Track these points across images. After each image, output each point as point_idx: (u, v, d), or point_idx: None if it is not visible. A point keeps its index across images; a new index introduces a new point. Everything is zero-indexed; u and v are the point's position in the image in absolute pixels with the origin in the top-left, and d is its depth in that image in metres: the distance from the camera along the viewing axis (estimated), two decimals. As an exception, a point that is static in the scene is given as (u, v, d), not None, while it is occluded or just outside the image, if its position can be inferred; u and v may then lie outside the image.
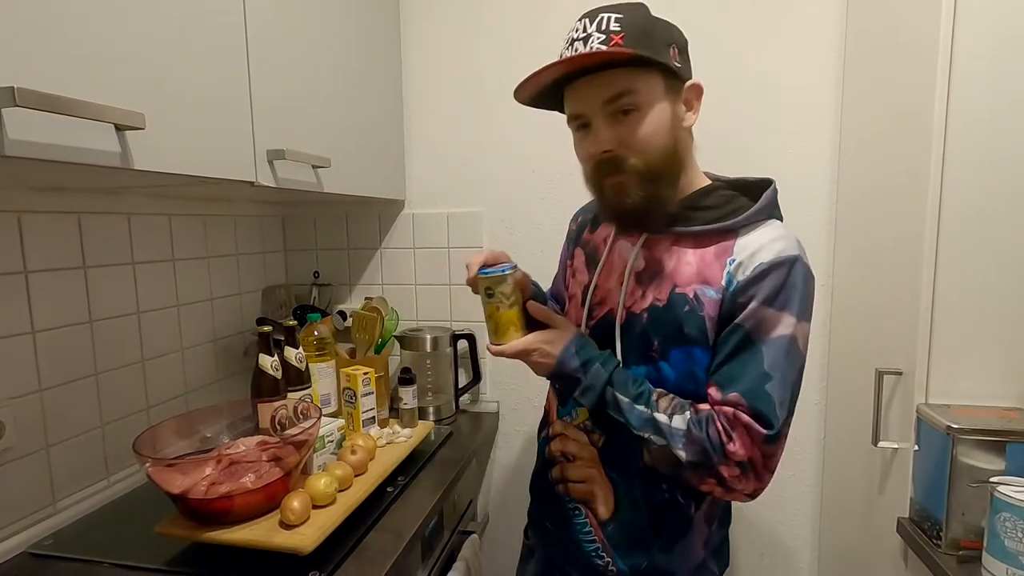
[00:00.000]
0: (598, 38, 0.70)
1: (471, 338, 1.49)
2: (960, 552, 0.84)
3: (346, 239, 1.60)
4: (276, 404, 1.04)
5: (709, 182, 0.82)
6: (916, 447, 0.93)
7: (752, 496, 0.74)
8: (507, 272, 0.78)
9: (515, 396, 1.54)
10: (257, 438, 0.96)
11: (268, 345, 1.08)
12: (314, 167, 1.08)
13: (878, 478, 1.07)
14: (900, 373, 0.98)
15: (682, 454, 0.72)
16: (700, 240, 0.76)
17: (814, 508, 1.41)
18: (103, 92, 0.65)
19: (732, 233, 0.75)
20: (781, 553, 1.44)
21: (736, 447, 0.71)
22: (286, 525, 0.84)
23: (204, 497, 0.82)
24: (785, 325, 0.71)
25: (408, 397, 1.25)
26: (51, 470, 0.97)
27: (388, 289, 1.58)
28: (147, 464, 0.82)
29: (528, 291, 0.89)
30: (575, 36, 0.72)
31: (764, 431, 0.70)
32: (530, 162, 1.45)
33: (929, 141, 0.89)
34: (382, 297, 1.53)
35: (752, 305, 0.70)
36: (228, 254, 1.39)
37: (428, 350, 1.42)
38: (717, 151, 1.36)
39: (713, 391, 0.73)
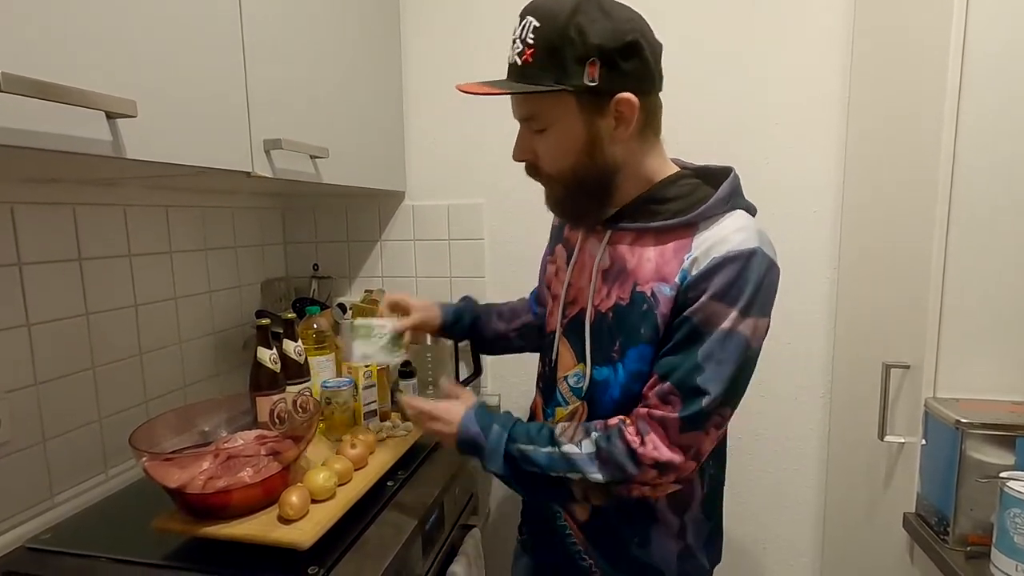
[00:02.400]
0: (516, 48, 0.69)
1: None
2: (968, 548, 0.83)
3: (346, 231, 1.58)
4: (275, 397, 1.03)
5: (675, 170, 0.78)
6: (923, 441, 0.91)
7: (680, 483, 0.74)
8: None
9: (516, 389, 1.53)
10: (255, 432, 0.95)
11: (267, 338, 1.07)
12: (312, 157, 1.06)
13: (884, 473, 1.06)
14: (908, 366, 0.97)
15: (599, 476, 0.71)
16: (661, 236, 0.74)
17: (819, 502, 1.40)
18: (93, 78, 0.63)
19: (692, 227, 0.72)
20: (785, 547, 1.44)
21: (647, 449, 0.69)
22: (284, 520, 0.84)
23: (201, 492, 0.81)
24: (729, 319, 0.68)
25: (409, 390, 1.24)
26: (48, 464, 0.96)
27: (388, 281, 1.57)
28: (143, 459, 0.81)
29: (433, 325, 0.99)
30: (512, 36, 0.71)
31: (675, 415, 0.68)
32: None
33: (939, 135, 0.87)
34: (382, 290, 1.52)
35: (702, 299, 0.68)
36: (227, 246, 1.38)
37: (428, 343, 1.41)
38: (722, 147, 1.36)
39: (652, 382, 0.71)
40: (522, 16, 0.69)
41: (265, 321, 1.07)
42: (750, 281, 0.68)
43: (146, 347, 1.14)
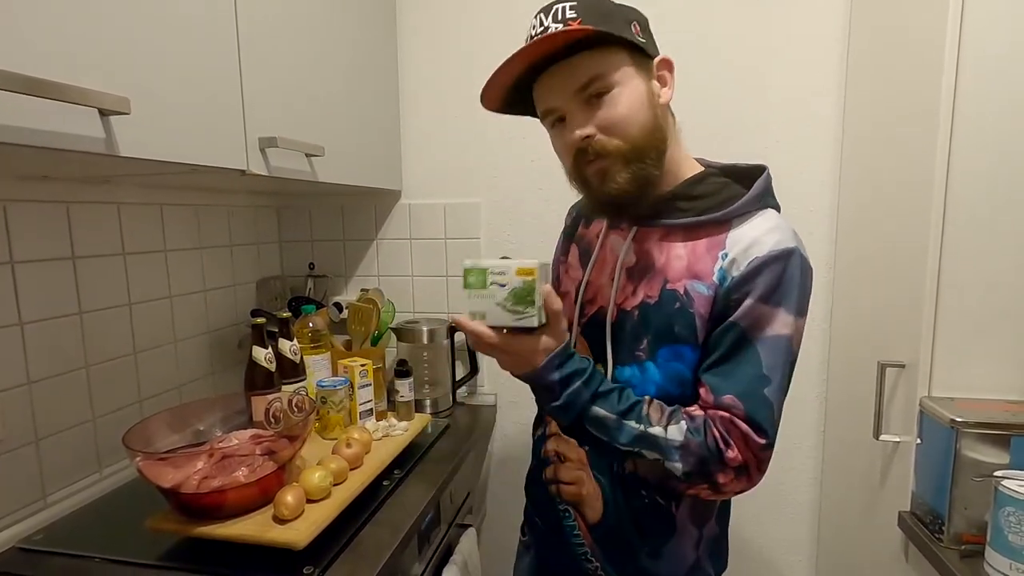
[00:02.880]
0: (554, 27, 0.67)
1: (469, 330, 1.47)
2: (962, 547, 0.83)
3: (342, 230, 1.58)
4: (270, 397, 1.02)
5: (700, 168, 0.77)
6: (919, 440, 0.92)
7: (741, 492, 0.73)
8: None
9: (513, 389, 1.52)
10: (250, 431, 0.95)
11: (262, 337, 1.06)
12: (308, 156, 1.06)
13: (879, 472, 1.06)
14: (903, 366, 0.97)
15: (678, 466, 0.68)
16: (691, 232, 0.73)
17: (814, 501, 1.41)
18: (87, 75, 0.63)
19: (725, 225, 0.71)
20: (781, 546, 1.44)
21: (734, 453, 0.68)
22: (280, 520, 0.83)
23: (196, 491, 0.81)
24: (782, 323, 0.68)
25: (404, 390, 1.24)
26: (41, 464, 0.95)
27: (384, 281, 1.56)
28: (137, 459, 0.80)
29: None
30: (533, 33, 0.69)
31: (760, 440, 0.67)
32: (529, 152, 1.43)
33: (935, 135, 0.88)
34: (378, 289, 1.51)
35: (748, 302, 0.67)
36: (222, 245, 1.37)
37: (425, 342, 1.40)
38: (718, 143, 1.36)
39: (705, 392, 0.70)
40: (547, 10, 0.68)
41: (260, 320, 1.07)
42: (794, 281, 0.68)
43: (140, 346, 1.13)
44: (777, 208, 0.75)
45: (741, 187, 0.74)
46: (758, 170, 0.75)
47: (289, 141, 0.97)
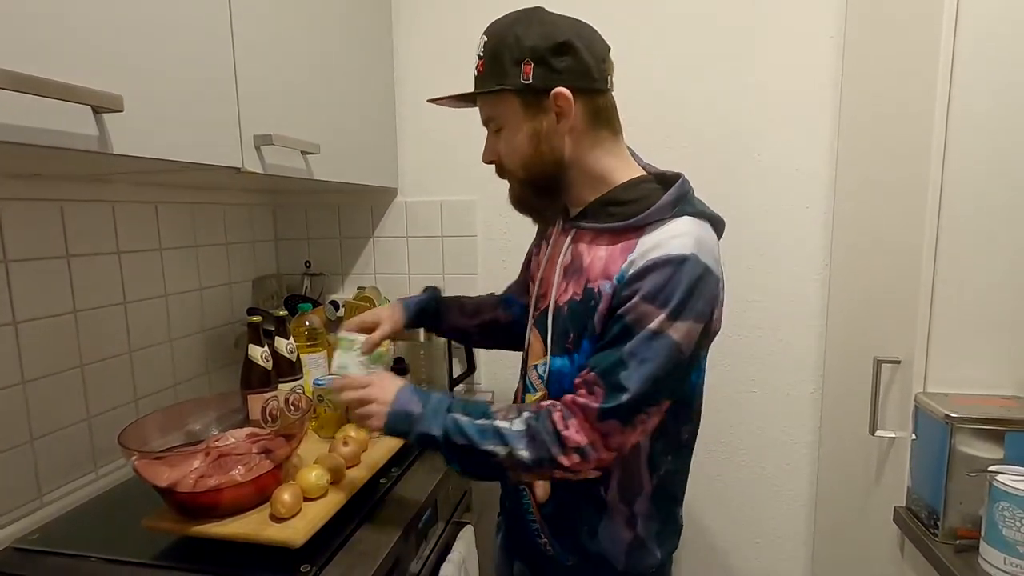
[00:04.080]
0: (475, 63, 0.78)
1: (465, 328, 1.47)
2: (957, 541, 0.83)
3: (338, 228, 1.57)
4: (267, 395, 1.02)
5: (639, 174, 0.80)
6: (914, 436, 0.92)
7: (599, 471, 0.76)
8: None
9: (509, 386, 1.52)
10: (247, 430, 0.94)
11: (258, 336, 1.06)
12: (303, 153, 1.05)
13: (875, 467, 1.07)
14: (898, 361, 0.98)
15: (525, 454, 0.73)
16: (615, 236, 0.77)
17: (810, 497, 1.41)
18: (79, 72, 0.62)
19: (640, 230, 0.75)
20: (776, 541, 1.45)
21: (571, 432, 0.72)
22: (277, 518, 0.83)
23: (192, 491, 0.81)
24: (661, 323, 0.70)
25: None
26: (36, 464, 0.95)
27: (381, 278, 1.56)
28: (133, 458, 0.80)
29: (399, 329, 0.99)
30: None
31: (596, 405, 0.71)
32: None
33: (931, 127, 0.88)
34: (375, 287, 1.51)
35: (634, 299, 0.71)
36: (217, 243, 1.36)
37: (422, 340, 1.40)
38: (715, 145, 1.36)
39: (582, 373, 0.75)
40: (483, 32, 0.78)
41: (256, 318, 1.07)
42: (681, 285, 0.69)
43: (136, 345, 1.13)
44: (702, 214, 0.76)
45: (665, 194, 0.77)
46: (675, 178, 0.78)
47: (284, 139, 0.97)
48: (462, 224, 1.50)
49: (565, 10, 0.77)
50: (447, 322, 1.07)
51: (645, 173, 0.81)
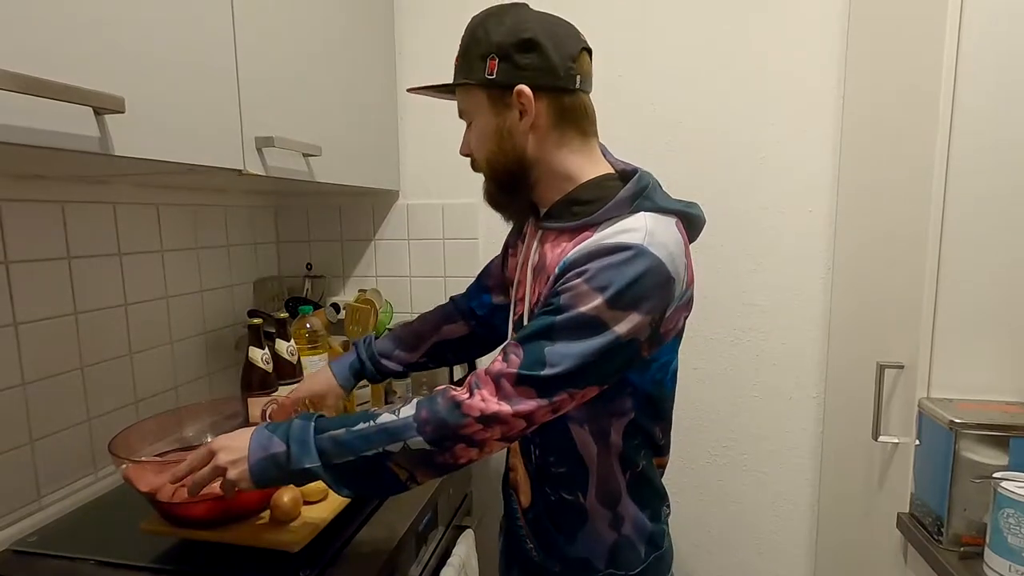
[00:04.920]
0: (456, 56, 0.80)
1: (466, 331, 1.47)
2: (961, 548, 0.83)
3: (339, 230, 1.57)
4: (267, 398, 1.02)
5: (603, 172, 0.79)
6: (917, 442, 0.91)
7: (506, 441, 0.70)
8: None
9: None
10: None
11: (259, 338, 1.06)
12: (305, 155, 1.05)
13: (878, 473, 1.06)
14: (902, 367, 0.97)
15: (419, 439, 0.67)
16: (573, 234, 0.76)
17: (812, 503, 1.40)
18: (81, 73, 0.62)
19: (595, 227, 0.74)
20: (779, 548, 1.44)
21: (475, 400, 0.67)
22: (276, 522, 0.83)
23: (170, 500, 0.79)
24: (591, 305, 0.67)
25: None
26: (36, 466, 0.94)
27: (382, 281, 1.56)
28: (123, 466, 0.79)
29: (339, 398, 0.99)
30: None
31: (512, 370, 0.67)
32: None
33: (934, 130, 0.87)
34: (376, 289, 1.51)
35: (574, 280, 0.68)
36: (219, 245, 1.36)
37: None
38: (717, 145, 1.36)
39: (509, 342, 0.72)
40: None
41: (257, 320, 1.06)
42: (623, 275, 0.67)
43: (136, 347, 1.13)
44: (664, 210, 0.74)
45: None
46: (632, 173, 0.77)
47: (286, 141, 0.96)
48: (464, 227, 1.50)
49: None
50: (391, 368, 1.03)
51: (612, 171, 0.80)
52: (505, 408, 0.67)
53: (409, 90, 0.85)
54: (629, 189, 0.74)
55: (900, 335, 0.98)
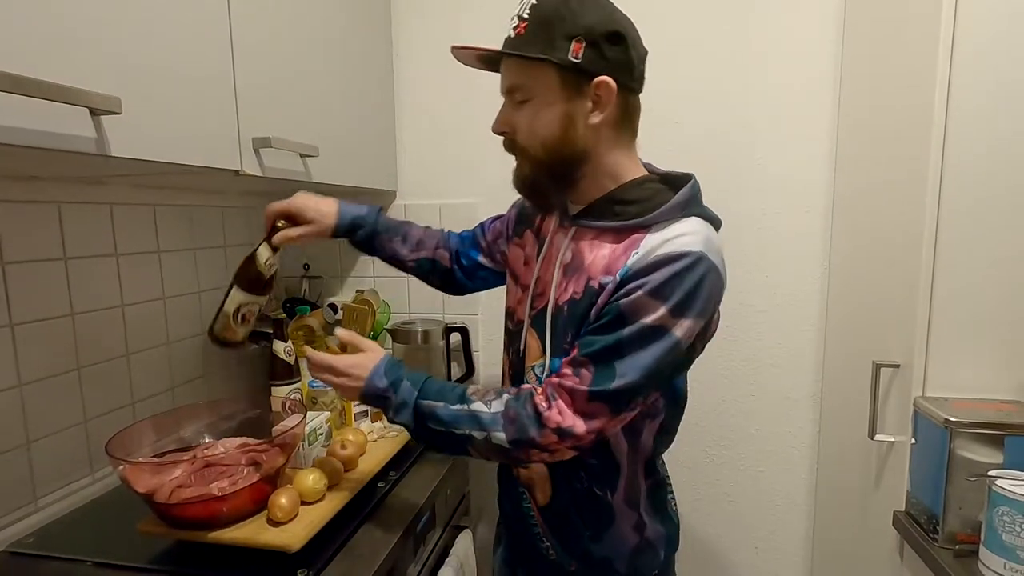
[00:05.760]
0: (513, 23, 0.73)
1: (464, 331, 1.47)
2: (957, 546, 0.83)
3: (337, 231, 1.57)
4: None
5: (643, 174, 0.80)
6: (913, 440, 0.92)
7: (575, 451, 0.74)
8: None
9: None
10: (238, 440, 0.94)
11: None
12: (302, 156, 1.05)
13: (874, 472, 1.07)
14: (897, 366, 0.97)
15: (502, 436, 0.72)
16: (618, 235, 0.76)
17: (809, 502, 1.41)
18: (77, 74, 0.62)
19: (646, 229, 0.74)
20: (776, 547, 1.44)
21: (553, 413, 0.71)
22: (274, 522, 0.83)
23: (167, 501, 0.79)
24: (656, 315, 0.68)
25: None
26: (32, 467, 0.94)
27: (380, 281, 1.56)
28: (120, 467, 0.79)
29: (323, 233, 0.94)
30: (513, 13, 0.75)
31: (584, 387, 0.70)
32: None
33: (929, 132, 0.88)
34: (374, 290, 1.51)
35: (635, 291, 0.69)
36: (216, 246, 1.36)
37: (420, 343, 1.40)
38: (714, 147, 1.36)
39: (571, 354, 0.73)
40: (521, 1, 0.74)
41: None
42: (685, 282, 0.68)
43: (133, 348, 1.13)
44: (709, 218, 0.76)
45: (672, 194, 0.76)
46: (686, 178, 0.77)
47: (283, 141, 0.96)
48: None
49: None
50: (383, 247, 1.01)
51: (649, 173, 0.80)
52: (580, 426, 0.71)
53: (455, 48, 0.77)
54: (685, 194, 0.74)
55: (896, 334, 0.98)
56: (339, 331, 0.86)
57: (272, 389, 1.06)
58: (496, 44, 0.75)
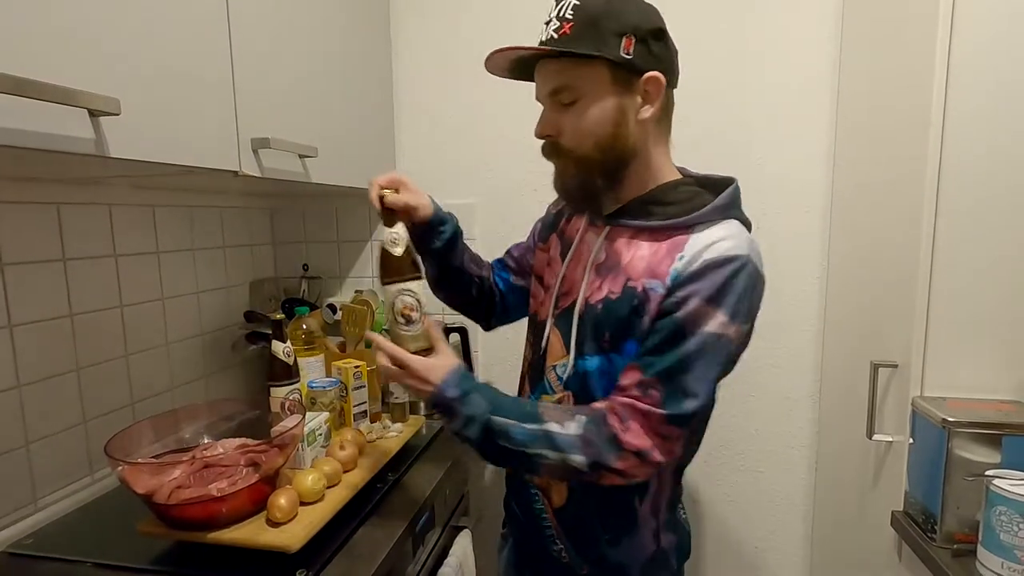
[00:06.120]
0: (554, 25, 0.71)
1: (463, 332, 1.47)
2: (955, 546, 0.83)
3: (336, 231, 1.57)
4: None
5: (678, 176, 0.81)
6: (911, 440, 0.92)
7: (652, 474, 0.75)
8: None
9: (508, 390, 1.52)
10: (238, 440, 0.94)
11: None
12: (301, 156, 1.05)
13: (872, 471, 1.07)
14: (895, 366, 0.98)
15: (580, 459, 0.71)
16: (657, 235, 0.76)
17: (807, 501, 1.41)
18: (76, 75, 0.62)
19: (688, 229, 0.74)
20: (775, 546, 1.44)
21: (630, 437, 0.70)
22: (273, 523, 0.83)
23: (166, 502, 0.79)
24: (718, 323, 0.69)
25: (399, 391, 1.23)
26: (31, 468, 0.94)
27: (379, 282, 1.55)
28: (119, 468, 0.79)
29: (422, 215, 0.89)
30: (546, 17, 0.74)
31: (662, 411, 0.69)
32: (525, 153, 1.42)
33: (927, 132, 0.88)
34: (372, 290, 1.51)
35: (689, 299, 0.69)
36: (215, 247, 1.36)
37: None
38: (713, 147, 1.36)
39: (631, 373, 0.72)
40: (558, 0, 0.73)
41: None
42: (738, 286, 0.69)
43: (132, 348, 1.13)
44: (744, 221, 0.77)
45: (711, 196, 0.76)
46: (727, 182, 0.78)
47: (282, 142, 0.96)
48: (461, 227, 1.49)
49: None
50: (461, 254, 0.97)
51: (682, 176, 0.81)
52: (657, 449, 0.70)
53: (496, 52, 0.74)
54: (727, 197, 0.75)
55: (894, 334, 0.98)
56: (431, 328, 0.80)
57: (271, 390, 1.06)
58: (500, 46, 0.75)
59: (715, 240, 0.71)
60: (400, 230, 0.84)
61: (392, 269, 0.84)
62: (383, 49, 1.44)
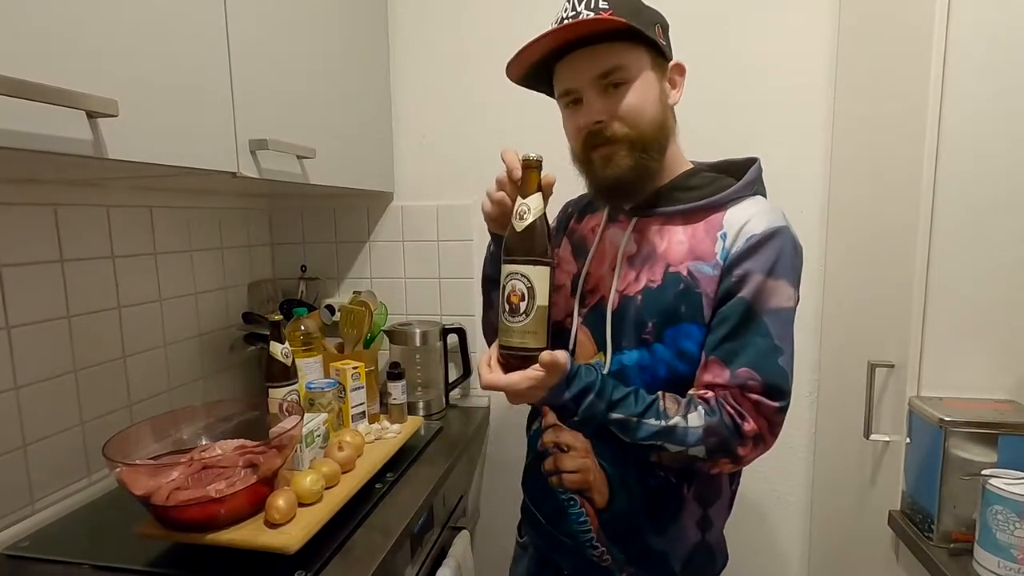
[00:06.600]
0: (587, 15, 0.71)
1: (461, 332, 1.47)
2: (951, 545, 0.83)
3: (334, 232, 1.57)
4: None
5: (691, 165, 0.84)
6: (908, 440, 0.92)
7: (757, 457, 0.77)
8: None
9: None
10: (236, 442, 0.94)
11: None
12: (299, 158, 1.05)
13: (869, 471, 1.07)
14: (892, 365, 0.98)
15: (701, 448, 0.72)
16: (689, 218, 0.78)
17: (805, 501, 1.41)
18: (74, 76, 0.62)
19: (720, 208, 0.77)
20: (772, 546, 1.45)
21: (750, 425, 0.72)
22: (271, 524, 0.83)
23: (164, 503, 0.79)
24: (785, 295, 0.73)
25: (397, 392, 1.23)
26: (28, 469, 0.94)
27: (377, 283, 1.56)
28: (117, 469, 0.79)
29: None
30: (564, 15, 0.74)
31: (775, 403, 0.72)
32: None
33: (923, 130, 0.88)
34: (371, 291, 1.51)
35: (749, 276, 0.72)
36: (213, 248, 1.36)
37: (417, 344, 1.40)
38: (705, 138, 1.35)
39: (716, 368, 0.73)
40: None
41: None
42: (789, 255, 0.73)
43: (130, 350, 1.12)
44: (765, 197, 0.82)
45: (732, 178, 0.80)
46: (750, 161, 0.82)
47: (280, 143, 0.96)
48: (458, 228, 1.50)
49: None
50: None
51: (694, 165, 0.84)
52: (770, 438, 0.74)
53: (532, 42, 0.72)
54: (754, 173, 0.79)
55: (891, 334, 0.99)
56: (545, 355, 0.70)
57: (269, 391, 1.06)
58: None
59: (752, 215, 0.74)
60: (532, 202, 0.72)
61: (508, 246, 0.72)
62: (381, 50, 1.44)
